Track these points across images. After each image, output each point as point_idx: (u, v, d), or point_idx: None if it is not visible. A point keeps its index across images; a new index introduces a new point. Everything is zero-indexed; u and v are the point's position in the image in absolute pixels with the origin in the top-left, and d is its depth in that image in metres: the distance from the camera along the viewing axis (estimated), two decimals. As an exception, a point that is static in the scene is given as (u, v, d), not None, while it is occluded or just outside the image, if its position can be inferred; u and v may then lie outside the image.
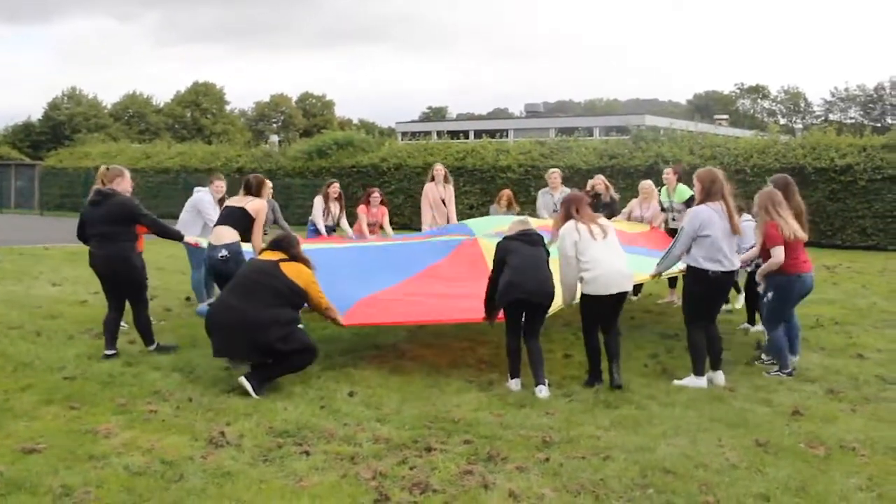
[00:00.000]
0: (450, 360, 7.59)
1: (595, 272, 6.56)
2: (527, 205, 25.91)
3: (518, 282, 6.44)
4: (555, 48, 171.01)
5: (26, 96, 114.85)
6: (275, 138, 51.95)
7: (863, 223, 20.92)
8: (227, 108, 77.18)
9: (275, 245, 6.78)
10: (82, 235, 7.98)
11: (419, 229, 12.72)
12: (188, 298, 10.75)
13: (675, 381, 6.81)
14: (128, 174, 8.28)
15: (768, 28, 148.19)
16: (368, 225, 11.78)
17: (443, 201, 12.25)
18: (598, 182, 12.09)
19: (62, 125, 59.46)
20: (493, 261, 6.74)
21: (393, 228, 12.61)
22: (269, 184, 8.74)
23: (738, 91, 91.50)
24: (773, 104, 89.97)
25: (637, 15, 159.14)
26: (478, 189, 27.06)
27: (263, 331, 6.24)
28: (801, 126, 69.92)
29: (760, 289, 7.55)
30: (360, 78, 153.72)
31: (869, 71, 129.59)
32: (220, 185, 10.38)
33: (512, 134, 46.60)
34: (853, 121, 73.68)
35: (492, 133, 42.96)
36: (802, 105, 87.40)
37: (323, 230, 11.34)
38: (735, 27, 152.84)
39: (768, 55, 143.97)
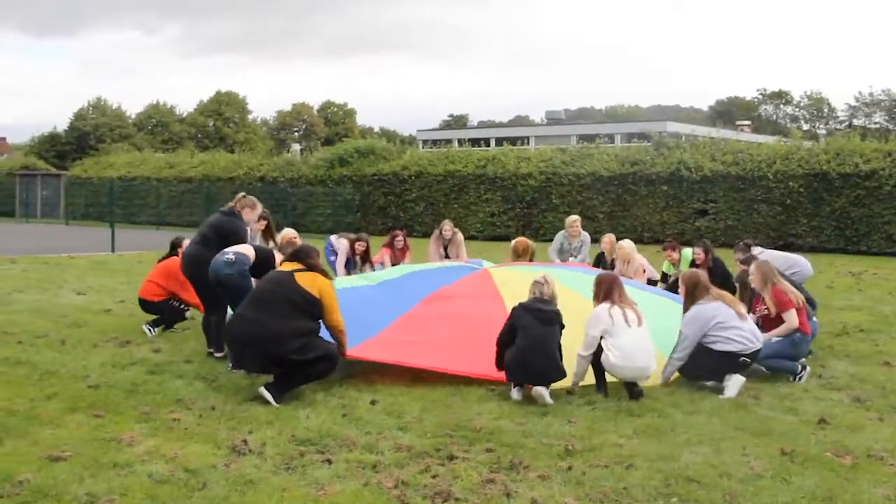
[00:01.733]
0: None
1: (622, 362, 6.48)
2: (547, 212, 25.97)
3: (524, 366, 6.42)
4: (576, 54, 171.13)
5: (53, 107, 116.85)
6: (297, 147, 52.34)
7: (889, 229, 20.74)
8: (250, 117, 77.77)
9: (292, 256, 6.77)
10: None
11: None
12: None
13: (722, 396, 6.62)
14: (259, 208, 8.47)
15: (791, 33, 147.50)
16: (392, 266, 11.82)
17: (448, 257, 12.21)
18: (606, 242, 11.87)
19: (87, 135, 60.10)
20: (506, 323, 6.65)
21: (413, 237, 12.65)
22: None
23: (760, 97, 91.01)
24: (797, 110, 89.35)
25: (658, 21, 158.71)
26: (499, 196, 27.08)
27: (282, 342, 6.23)
28: (824, 132, 69.34)
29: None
30: (381, 86, 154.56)
31: (894, 75, 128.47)
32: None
33: (533, 141, 46.65)
34: (878, 126, 73.02)
35: (513, 140, 43.03)
36: (826, 110, 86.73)
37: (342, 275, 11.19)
38: (757, 32, 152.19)
39: (791, 60, 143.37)
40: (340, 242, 11.85)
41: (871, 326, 9.86)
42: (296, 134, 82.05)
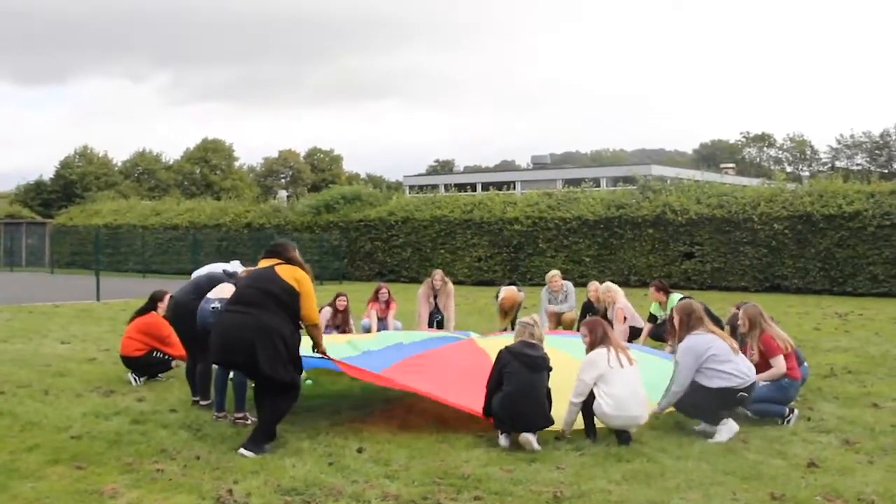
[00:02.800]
0: (459, 414, 7.49)
1: (614, 411, 6.43)
2: (534, 255, 26.03)
3: (513, 413, 6.36)
4: (561, 100, 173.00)
5: (39, 156, 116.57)
6: (283, 193, 52.36)
7: (873, 270, 20.87)
8: (236, 163, 77.89)
9: (270, 252, 6.67)
10: None
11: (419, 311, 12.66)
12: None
13: (711, 440, 6.56)
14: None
15: (773, 76, 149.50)
16: (378, 319, 11.98)
17: (437, 307, 12.35)
18: (592, 291, 12.04)
19: (73, 184, 60.01)
20: (493, 368, 6.59)
21: (400, 282, 12.67)
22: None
23: (743, 139, 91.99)
24: (780, 152, 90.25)
25: (643, 66, 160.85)
26: (486, 241, 27.11)
27: (268, 336, 6.10)
28: (807, 173, 69.92)
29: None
30: (367, 133, 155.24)
31: (874, 117, 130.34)
32: None
33: (519, 186, 46.92)
34: (860, 167, 73.84)
35: (499, 185, 43.30)
36: (808, 152, 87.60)
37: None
38: (740, 76, 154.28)
39: (773, 103, 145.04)
40: (324, 310, 11.73)
41: (859, 368, 9.86)
42: (282, 180, 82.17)
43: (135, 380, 8.81)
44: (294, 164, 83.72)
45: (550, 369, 6.58)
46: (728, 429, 6.62)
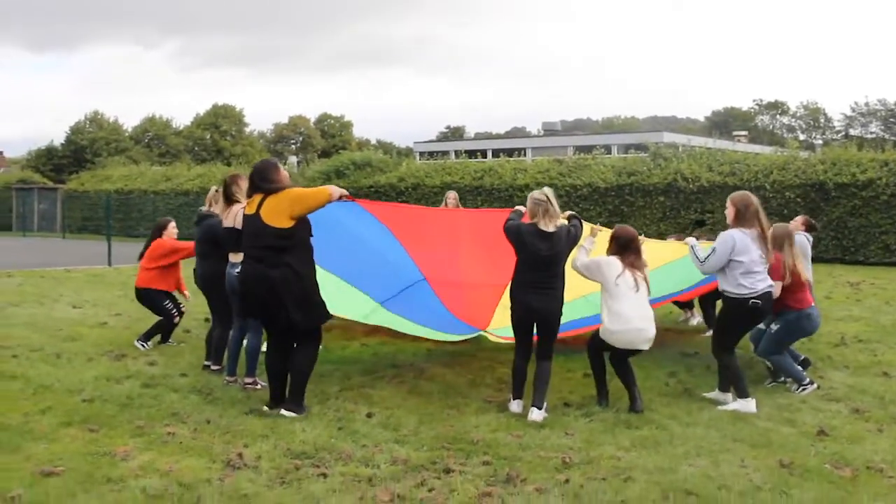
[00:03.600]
0: (468, 379, 7.54)
1: (620, 327, 6.44)
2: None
3: (525, 301, 6.38)
4: (572, 67, 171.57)
5: (50, 122, 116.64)
6: (293, 159, 52.29)
7: (886, 239, 20.72)
8: (247, 129, 77.70)
9: (252, 187, 6.39)
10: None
11: None
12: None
13: (721, 407, 6.58)
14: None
15: (787, 43, 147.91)
16: None
17: None
18: None
19: (84, 149, 60.01)
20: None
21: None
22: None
23: (756, 107, 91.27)
24: (793, 120, 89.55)
25: (654, 32, 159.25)
26: (496, 208, 27.03)
27: (284, 287, 6.06)
28: (820, 141, 69.34)
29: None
30: (378, 99, 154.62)
31: (890, 85, 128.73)
32: None
33: (530, 153, 46.69)
34: (874, 136, 73.16)
35: (509, 152, 43.04)
36: (822, 120, 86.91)
37: None
38: (753, 43, 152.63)
39: (787, 70, 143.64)
40: None
41: (870, 337, 9.83)
42: (293, 146, 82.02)
43: (142, 345, 8.84)
44: (304, 130, 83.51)
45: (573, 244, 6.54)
46: (744, 405, 6.54)
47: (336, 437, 5.71)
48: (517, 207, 6.83)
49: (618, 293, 6.44)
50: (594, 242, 6.93)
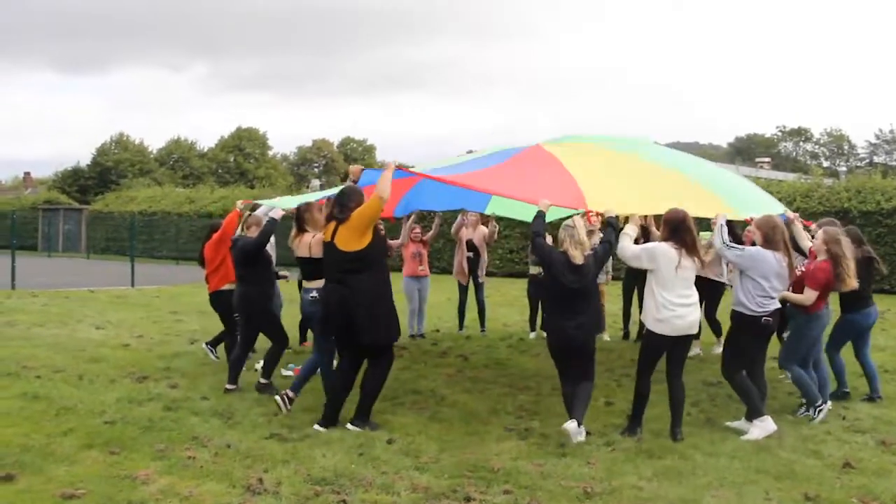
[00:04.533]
0: (489, 406, 7.50)
1: (668, 313, 6.38)
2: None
3: (560, 328, 6.47)
4: (595, 90, 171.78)
5: (78, 144, 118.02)
6: (316, 182, 52.56)
7: (911, 267, 20.48)
8: (270, 152, 78.21)
9: (328, 216, 6.78)
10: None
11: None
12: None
13: (744, 437, 6.51)
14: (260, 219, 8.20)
15: (810, 70, 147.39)
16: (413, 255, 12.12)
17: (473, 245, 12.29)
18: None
19: (109, 170, 60.62)
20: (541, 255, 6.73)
21: (432, 272, 12.67)
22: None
23: (779, 133, 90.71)
24: (816, 147, 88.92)
25: (678, 57, 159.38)
26: (517, 233, 27.03)
27: (359, 308, 6.40)
28: (844, 169, 68.91)
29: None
30: (401, 123, 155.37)
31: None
32: None
33: (552, 177, 46.50)
34: (898, 163, 72.56)
35: (531, 176, 42.78)
36: (846, 147, 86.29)
37: None
38: (776, 69, 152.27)
39: (810, 97, 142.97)
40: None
41: (896, 367, 9.70)
42: (316, 169, 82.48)
43: (211, 351, 9.06)
44: (327, 154, 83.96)
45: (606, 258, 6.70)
46: (763, 428, 6.51)
47: (356, 463, 5.70)
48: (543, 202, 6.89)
49: (673, 283, 6.39)
50: (636, 229, 6.86)
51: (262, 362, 8.22)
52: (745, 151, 78.89)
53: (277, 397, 7.14)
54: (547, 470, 5.61)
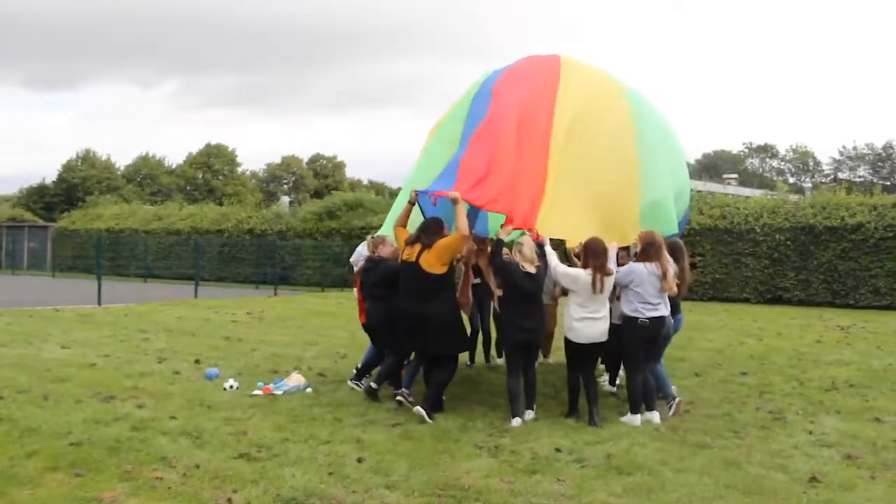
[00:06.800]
0: (460, 424, 7.49)
1: (578, 326, 7.57)
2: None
3: (518, 324, 7.70)
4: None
5: (47, 160, 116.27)
6: (286, 199, 52.34)
7: (876, 282, 20.83)
8: (239, 169, 77.77)
9: (413, 239, 7.90)
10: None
11: None
12: (197, 361, 10.69)
13: (622, 419, 7.65)
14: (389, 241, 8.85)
15: (776, 88, 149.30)
16: None
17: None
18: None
19: (76, 187, 59.94)
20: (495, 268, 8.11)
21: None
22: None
23: (746, 150, 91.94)
24: (782, 163, 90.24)
25: (645, 75, 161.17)
26: (488, 249, 27.09)
27: (430, 321, 7.69)
28: (810, 185, 69.81)
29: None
30: (370, 140, 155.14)
31: (877, 129, 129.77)
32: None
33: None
34: (862, 179, 73.78)
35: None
36: (811, 164, 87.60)
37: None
38: (743, 86, 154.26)
39: (776, 114, 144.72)
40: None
41: (861, 381, 9.83)
42: (285, 186, 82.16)
43: (357, 385, 8.99)
44: (297, 170, 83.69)
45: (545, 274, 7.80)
46: (650, 417, 7.62)
47: (326, 482, 5.66)
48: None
49: (588, 299, 7.53)
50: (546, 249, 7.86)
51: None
52: (712, 168, 79.85)
53: (400, 396, 7.99)
54: (517, 487, 5.61)
